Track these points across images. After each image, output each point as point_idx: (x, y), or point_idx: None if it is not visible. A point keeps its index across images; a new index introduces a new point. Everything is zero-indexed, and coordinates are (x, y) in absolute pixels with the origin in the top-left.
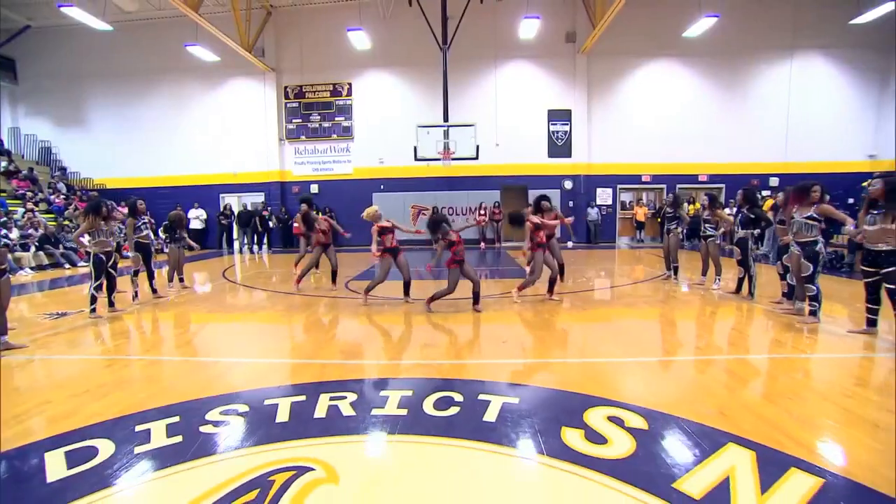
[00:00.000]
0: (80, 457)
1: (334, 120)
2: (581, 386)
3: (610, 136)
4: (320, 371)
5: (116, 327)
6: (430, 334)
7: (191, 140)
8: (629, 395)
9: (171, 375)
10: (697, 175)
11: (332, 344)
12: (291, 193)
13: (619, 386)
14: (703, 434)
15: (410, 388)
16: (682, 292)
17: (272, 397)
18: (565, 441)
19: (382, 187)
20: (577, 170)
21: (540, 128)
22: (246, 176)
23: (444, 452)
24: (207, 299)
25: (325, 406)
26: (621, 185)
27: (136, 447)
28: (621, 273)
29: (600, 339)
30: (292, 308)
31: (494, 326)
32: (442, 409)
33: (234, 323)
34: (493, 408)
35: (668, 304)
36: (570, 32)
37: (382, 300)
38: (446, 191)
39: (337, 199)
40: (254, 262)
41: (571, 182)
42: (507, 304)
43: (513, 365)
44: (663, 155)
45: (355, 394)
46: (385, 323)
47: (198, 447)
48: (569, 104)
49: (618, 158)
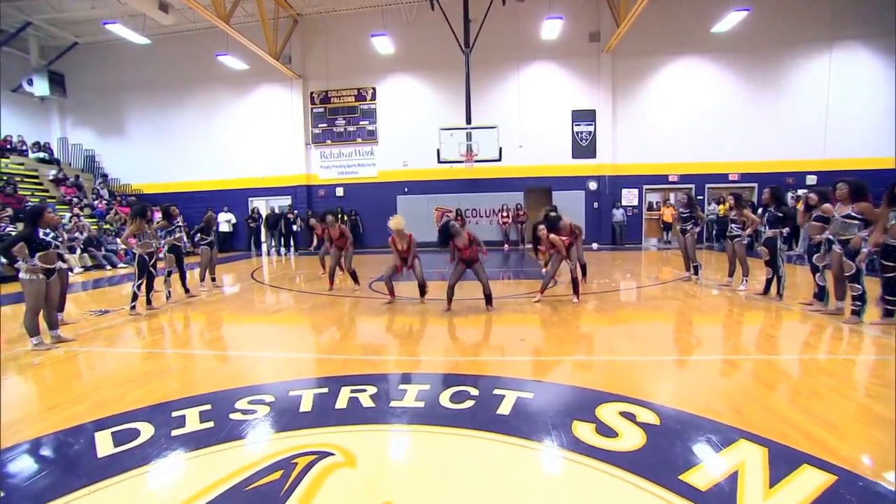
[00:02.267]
0: (124, 437)
1: (359, 124)
2: (596, 383)
3: (635, 136)
4: (342, 366)
5: (153, 324)
6: (449, 332)
7: (221, 146)
8: (644, 392)
9: (203, 368)
10: (728, 174)
11: (353, 341)
12: (318, 196)
13: (635, 383)
14: (715, 430)
15: (428, 382)
16: (705, 293)
17: (296, 389)
18: (576, 434)
19: (406, 190)
20: (602, 170)
21: (564, 128)
22: (273, 180)
23: (457, 441)
24: (237, 299)
25: (346, 398)
26: (647, 185)
27: (173, 430)
28: (644, 274)
29: (618, 338)
30: (316, 307)
31: (514, 326)
32: (458, 402)
33: (260, 321)
34: (507, 402)
35: (690, 305)
36: (594, 32)
37: (406, 301)
38: (469, 193)
39: (362, 201)
40: (280, 264)
41: (596, 183)
42: (527, 305)
43: (530, 362)
44: (691, 154)
45: (375, 387)
46: (405, 321)
47: (227, 432)
48: (593, 104)
49: (644, 158)
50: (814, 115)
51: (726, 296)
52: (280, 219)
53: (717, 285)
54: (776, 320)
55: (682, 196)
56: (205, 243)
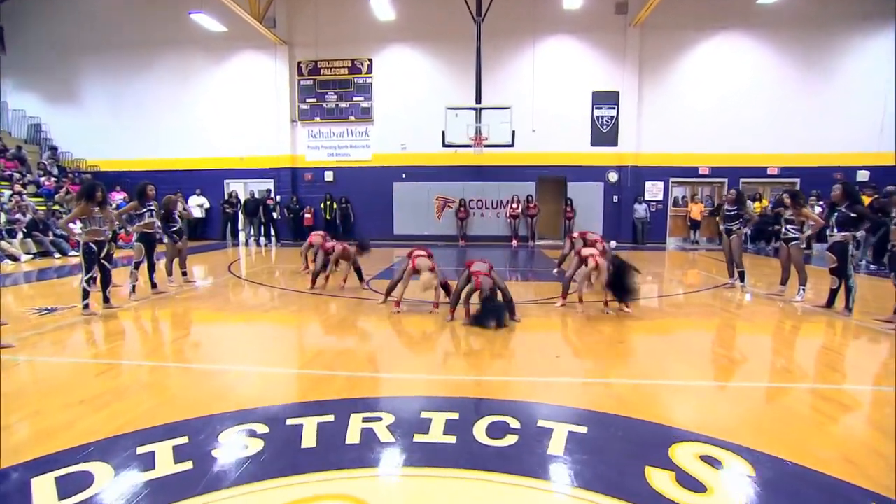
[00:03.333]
0: (72, 485)
1: (352, 100)
2: (658, 413)
3: (663, 122)
4: (348, 385)
5: (112, 326)
6: (469, 344)
7: (193, 119)
8: (719, 428)
9: (175, 385)
10: (766, 168)
11: (357, 352)
12: (304, 181)
13: (704, 416)
14: (831, 488)
15: (455, 409)
16: (754, 303)
17: (295, 416)
18: (653, 485)
19: (405, 176)
20: (624, 160)
21: (583, 112)
22: (254, 160)
23: (506, 493)
24: (213, 296)
25: (358, 429)
26: (674, 178)
27: (139, 474)
28: (676, 279)
29: (665, 356)
30: (309, 309)
31: (540, 337)
32: (496, 437)
33: (244, 324)
34: (557, 438)
35: (741, 317)
36: (621, 3)
37: (408, 303)
38: (475, 181)
39: (354, 187)
40: (260, 256)
41: (617, 174)
42: (552, 311)
43: (571, 384)
44: (725, 144)
45: (391, 415)
46: (415, 329)
47: (211, 478)
48: (616, 85)
49: (671, 147)
50: (869, 101)
51: (780, 307)
52: (259, 205)
53: (766, 295)
54: (854, 340)
55: (731, 192)
56: (173, 231)
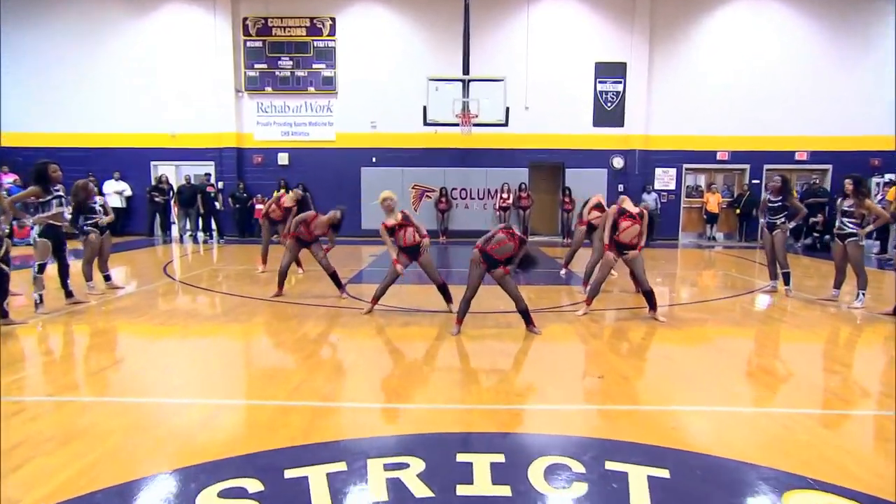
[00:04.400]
0: None
1: (311, 67)
2: (741, 449)
3: (676, 99)
4: (350, 420)
5: (11, 349)
6: (490, 362)
7: (108, 86)
8: (832, 471)
9: (112, 430)
10: (793, 152)
11: (352, 376)
12: (252, 164)
13: (804, 454)
14: None
15: (497, 448)
16: (807, 311)
17: (294, 464)
18: None
19: (375, 160)
20: (631, 143)
21: (584, 87)
22: (188, 139)
23: None
24: (149, 306)
25: (382, 481)
26: (689, 164)
27: None
28: (703, 281)
29: (724, 373)
30: (277, 320)
31: (568, 352)
32: (559, 484)
33: (197, 342)
34: (637, 484)
35: (794, 326)
36: None
37: (400, 312)
38: (459, 167)
39: (314, 173)
40: (201, 256)
41: (623, 159)
42: (569, 320)
43: (627, 413)
44: (747, 125)
45: (420, 460)
46: (413, 344)
47: None
48: (623, 56)
49: (685, 129)
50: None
51: (838, 314)
52: (197, 193)
53: (816, 300)
54: None
55: (775, 180)
56: (90, 224)
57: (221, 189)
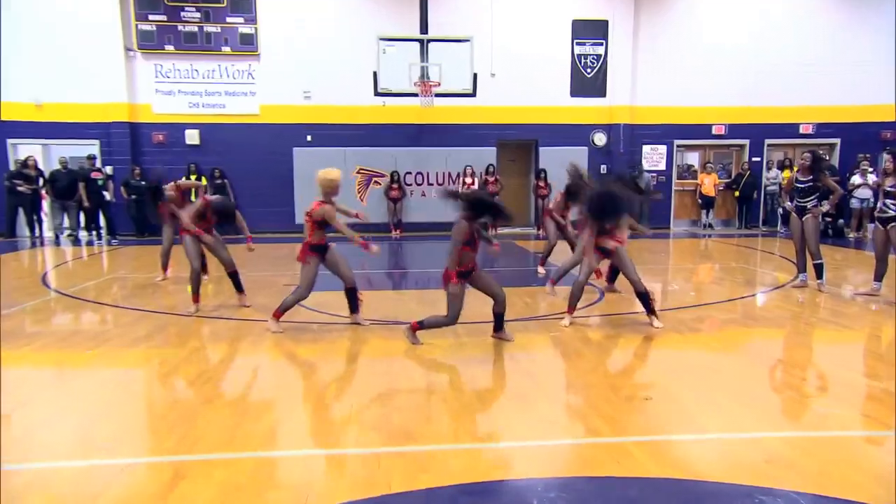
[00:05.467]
0: None
1: (225, 22)
2: (871, 489)
3: (666, 64)
4: (364, 473)
5: None
6: (498, 384)
7: None
8: None
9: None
10: (798, 125)
11: (329, 409)
12: (151, 143)
13: None
14: None
15: None
16: (848, 308)
17: None
18: None
19: (310, 138)
20: (615, 116)
21: (559, 50)
22: (61, 110)
23: None
24: (37, 326)
25: None
26: (680, 140)
27: None
28: (716, 278)
29: (791, 390)
30: (175, 341)
31: (586, 368)
32: None
33: (107, 373)
34: None
35: (847, 328)
36: None
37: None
38: (413, 146)
39: (232, 155)
40: (85, 263)
41: (605, 135)
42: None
43: (711, 444)
44: (745, 94)
45: None
46: (385, 363)
47: None
48: (604, 12)
49: (676, 100)
50: None
51: (886, 311)
52: (78, 180)
53: (855, 294)
54: None
55: (804, 156)
56: None
57: (111, 175)
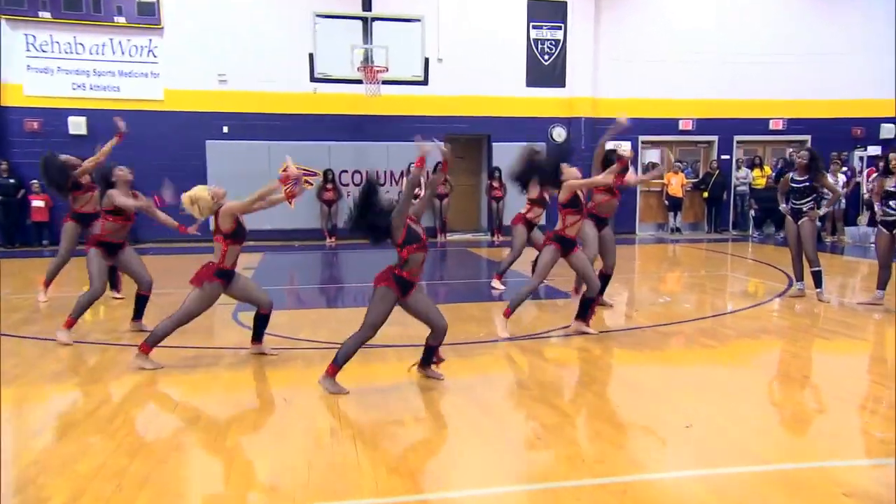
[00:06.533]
0: None
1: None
2: None
3: (630, 53)
4: None
5: None
6: (522, 414)
7: None
8: None
9: None
10: (768, 120)
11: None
12: (24, 131)
13: None
14: None
15: None
16: (856, 317)
17: None
18: None
19: (227, 129)
20: (576, 109)
21: (513, 33)
22: None
23: None
24: None
25: None
26: (646, 136)
27: None
28: (701, 288)
29: (834, 410)
30: (52, 380)
31: (594, 387)
32: None
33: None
34: None
35: (863, 339)
36: None
37: None
38: (351, 141)
39: (130, 148)
40: None
41: (565, 130)
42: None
43: (766, 477)
44: (715, 87)
45: None
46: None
47: None
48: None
49: (641, 91)
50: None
51: (876, 320)
52: None
53: (858, 304)
54: None
55: (801, 154)
56: None
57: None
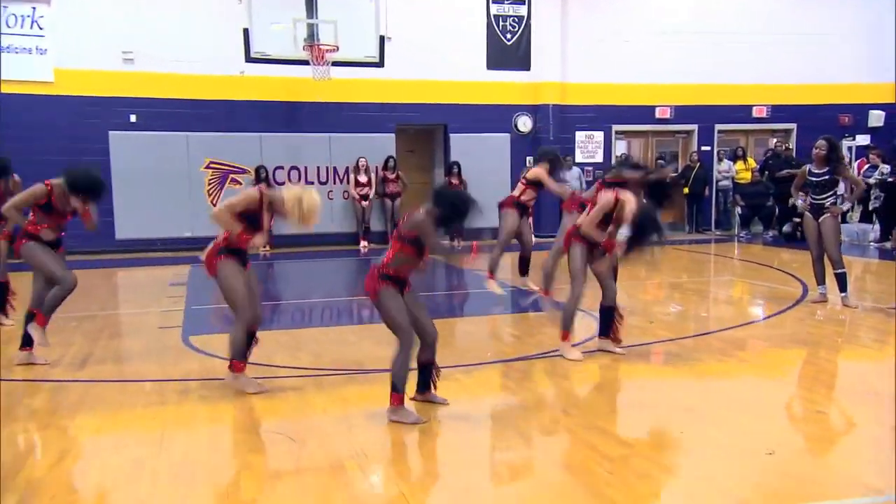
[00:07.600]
0: None
1: None
2: None
3: (601, 33)
4: None
5: None
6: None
7: None
8: None
9: None
10: (751, 107)
11: None
12: None
13: None
14: None
15: None
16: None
17: None
18: None
19: (135, 118)
20: (542, 95)
21: (472, 8)
22: None
23: None
24: None
25: None
26: (619, 125)
27: None
28: (711, 295)
29: None
30: None
31: (650, 419)
32: None
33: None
34: None
35: None
36: None
37: None
38: (286, 132)
39: (13, 140)
40: None
41: (531, 119)
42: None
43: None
44: (693, 72)
45: None
46: None
47: None
48: None
49: (614, 76)
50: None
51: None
52: None
53: (886, 308)
54: None
55: (819, 145)
56: None
57: None
